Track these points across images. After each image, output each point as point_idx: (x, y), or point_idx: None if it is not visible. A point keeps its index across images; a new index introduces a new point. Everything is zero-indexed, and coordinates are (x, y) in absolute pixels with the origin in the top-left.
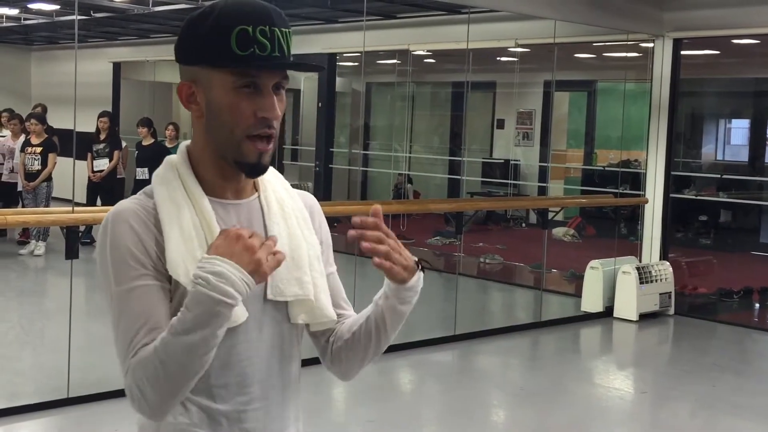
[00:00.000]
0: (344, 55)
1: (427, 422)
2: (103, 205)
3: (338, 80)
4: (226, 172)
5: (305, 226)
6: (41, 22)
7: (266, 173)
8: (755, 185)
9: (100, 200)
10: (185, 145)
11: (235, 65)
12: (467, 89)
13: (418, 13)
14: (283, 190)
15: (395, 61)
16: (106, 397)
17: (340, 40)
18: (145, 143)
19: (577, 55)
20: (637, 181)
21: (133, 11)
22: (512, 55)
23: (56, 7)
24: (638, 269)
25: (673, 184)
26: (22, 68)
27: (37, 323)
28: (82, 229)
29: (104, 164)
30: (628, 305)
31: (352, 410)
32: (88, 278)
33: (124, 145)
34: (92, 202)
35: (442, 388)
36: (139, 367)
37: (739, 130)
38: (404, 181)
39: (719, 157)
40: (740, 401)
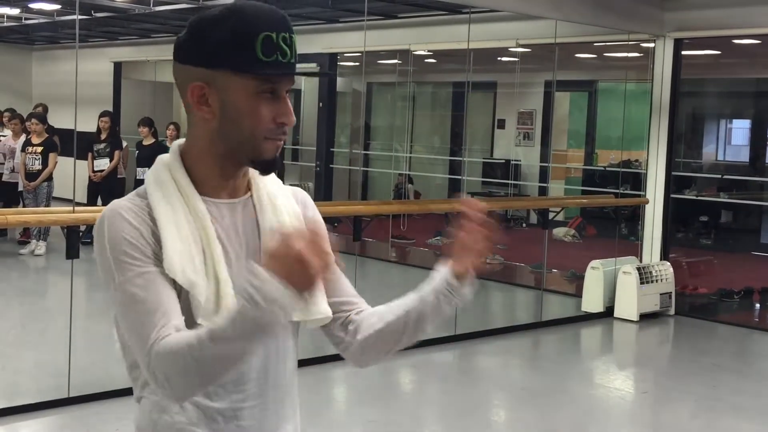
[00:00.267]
0: (345, 55)
1: (427, 422)
2: (103, 204)
3: (339, 80)
4: (227, 171)
5: (297, 223)
6: (42, 21)
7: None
8: (756, 185)
9: (100, 200)
10: (178, 144)
11: (261, 72)
12: (468, 89)
13: (419, 13)
14: (274, 187)
15: (396, 61)
16: (106, 396)
17: (340, 39)
18: (146, 143)
19: (577, 55)
20: (637, 181)
21: (134, 11)
22: (513, 55)
23: (57, 6)
24: (639, 269)
25: (673, 184)
26: (23, 68)
27: (37, 323)
28: (82, 228)
29: (105, 164)
30: (628, 305)
31: (352, 410)
32: (88, 278)
33: (124, 144)
34: (93, 201)
35: (442, 388)
36: (168, 357)
37: (739, 130)
38: (405, 181)
39: (720, 157)
40: (741, 402)
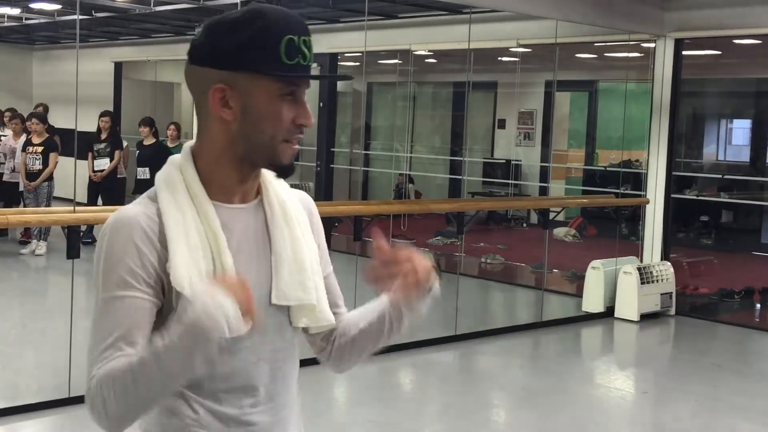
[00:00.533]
0: (345, 54)
1: (427, 422)
2: (104, 204)
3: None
4: (244, 175)
5: (306, 230)
6: (43, 21)
7: (268, 175)
8: (756, 185)
9: (101, 200)
10: (189, 146)
11: (286, 74)
12: (468, 89)
13: (419, 13)
14: (284, 192)
15: (396, 61)
16: None
17: (341, 39)
18: (146, 143)
19: (578, 55)
20: (638, 181)
21: (134, 11)
22: (514, 55)
23: (58, 6)
24: (639, 269)
25: (674, 184)
26: (23, 68)
27: (38, 322)
28: (83, 228)
29: (105, 164)
30: (629, 305)
31: (352, 410)
32: (89, 278)
33: (125, 144)
34: (93, 201)
35: (443, 388)
36: (108, 378)
37: (740, 130)
38: (405, 181)
39: (720, 157)
40: (741, 402)
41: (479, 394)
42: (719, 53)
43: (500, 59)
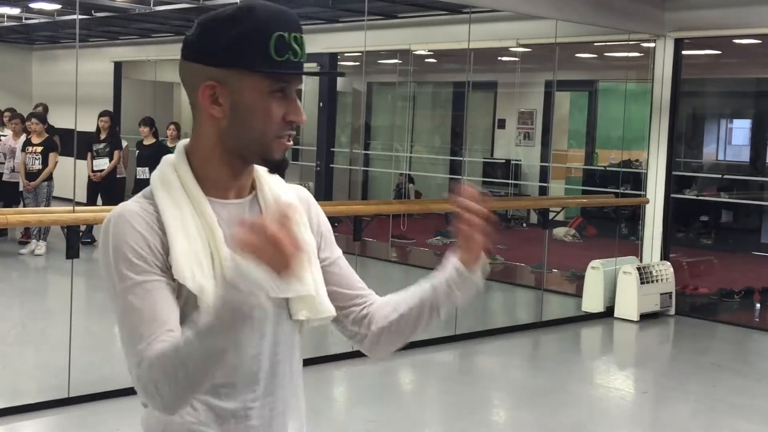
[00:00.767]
0: (345, 54)
1: (427, 422)
2: (103, 204)
3: (339, 80)
4: (236, 170)
5: (301, 222)
6: (42, 21)
7: (261, 171)
8: (756, 185)
9: (100, 200)
10: (183, 145)
11: (275, 71)
12: (468, 89)
13: (419, 12)
14: (278, 187)
15: (396, 60)
16: (107, 396)
17: (341, 39)
18: (146, 143)
19: (578, 55)
20: (638, 181)
21: (134, 11)
22: (513, 54)
23: (57, 6)
24: (639, 269)
25: (674, 184)
26: (23, 68)
27: (38, 323)
28: (82, 228)
29: (104, 164)
30: (628, 305)
31: (352, 410)
32: (88, 278)
33: (124, 144)
34: (93, 201)
35: (442, 388)
36: (156, 364)
37: (740, 130)
38: (405, 180)
39: (720, 157)
40: (741, 402)
41: (479, 394)
42: (719, 53)
43: (500, 59)
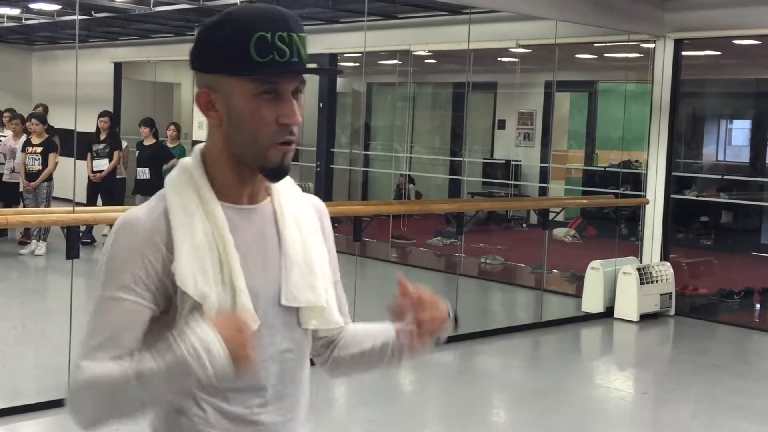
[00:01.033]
0: (345, 55)
1: (427, 423)
2: (103, 205)
3: (339, 80)
4: (244, 176)
5: (316, 233)
6: (42, 22)
7: None
8: (756, 186)
9: (100, 200)
10: (200, 148)
11: (254, 72)
12: (468, 90)
13: (419, 13)
14: (294, 193)
15: (396, 61)
16: None
17: (341, 40)
18: (146, 143)
19: (578, 55)
20: (637, 181)
21: (134, 11)
22: (513, 55)
23: (57, 7)
24: (639, 270)
25: (674, 184)
26: (23, 68)
27: (38, 323)
28: (82, 229)
29: (104, 164)
30: (628, 306)
31: (353, 410)
32: (88, 278)
33: (124, 145)
34: (93, 202)
35: (442, 388)
36: (89, 384)
37: (740, 130)
38: (406, 181)
39: (720, 157)
40: (741, 402)
41: (479, 394)
42: (719, 54)
43: (500, 60)
